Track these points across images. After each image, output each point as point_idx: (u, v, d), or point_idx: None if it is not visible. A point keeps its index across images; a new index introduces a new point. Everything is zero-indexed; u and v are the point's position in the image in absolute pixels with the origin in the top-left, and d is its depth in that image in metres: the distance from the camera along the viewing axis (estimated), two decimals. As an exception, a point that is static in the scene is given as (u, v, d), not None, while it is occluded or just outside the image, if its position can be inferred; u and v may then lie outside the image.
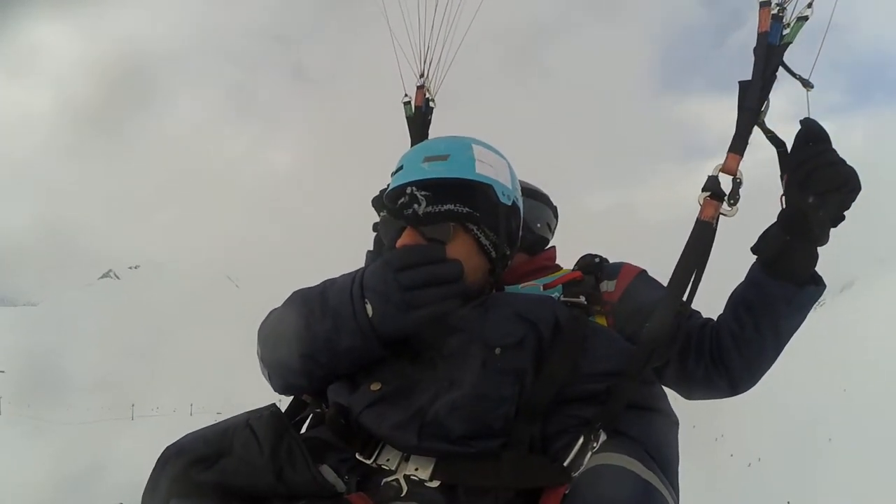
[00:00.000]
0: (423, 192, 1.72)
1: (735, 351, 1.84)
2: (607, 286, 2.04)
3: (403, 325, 1.58)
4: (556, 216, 2.55)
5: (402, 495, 1.46)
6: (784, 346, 1.88)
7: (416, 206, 1.71)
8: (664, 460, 1.53)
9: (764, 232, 1.82)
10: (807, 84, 1.78)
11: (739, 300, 1.87)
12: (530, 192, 2.42)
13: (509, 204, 1.82)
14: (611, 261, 2.15)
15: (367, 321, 1.57)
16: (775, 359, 1.89)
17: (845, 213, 1.74)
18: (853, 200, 1.72)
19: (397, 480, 1.48)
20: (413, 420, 1.50)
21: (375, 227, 2.45)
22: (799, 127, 1.77)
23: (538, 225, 2.44)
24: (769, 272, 1.79)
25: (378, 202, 2.40)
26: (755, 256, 1.86)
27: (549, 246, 2.47)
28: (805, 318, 1.86)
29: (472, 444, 1.49)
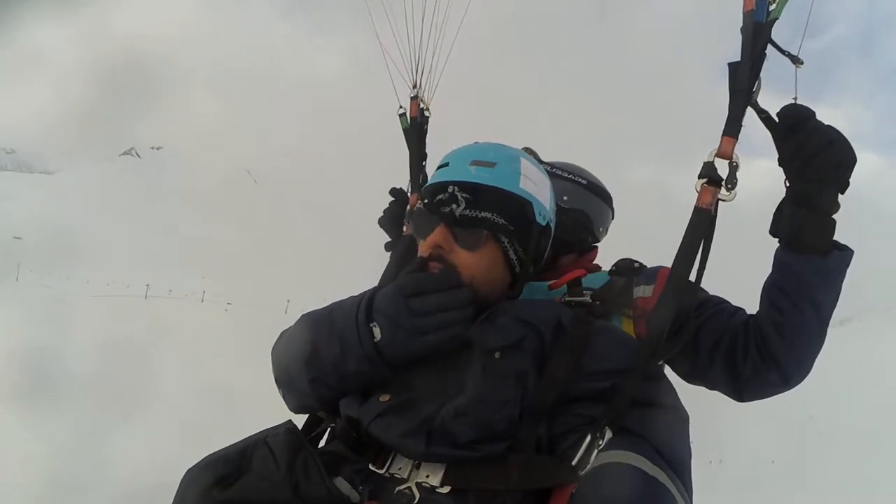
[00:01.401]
0: (464, 194, 1.74)
1: (779, 338, 1.81)
2: (643, 291, 2.03)
3: (411, 349, 1.61)
4: (613, 215, 2.53)
5: (415, 502, 1.51)
6: (827, 321, 1.83)
7: (454, 205, 1.73)
8: (673, 456, 1.52)
9: (776, 212, 1.82)
10: (796, 60, 1.77)
11: (772, 287, 1.84)
12: (600, 192, 2.43)
13: (543, 224, 1.83)
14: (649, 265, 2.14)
15: (372, 346, 1.61)
16: (820, 338, 1.84)
17: (849, 180, 1.74)
18: (853, 170, 1.73)
19: (409, 488, 1.52)
20: (421, 428, 1.54)
21: (388, 246, 2.46)
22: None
23: (601, 229, 2.43)
24: (793, 249, 1.78)
25: (385, 222, 2.50)
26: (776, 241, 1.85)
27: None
28: (839, 289, 1.83)
29: (478, 448, 1.52)
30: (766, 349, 1.82)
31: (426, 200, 1.80)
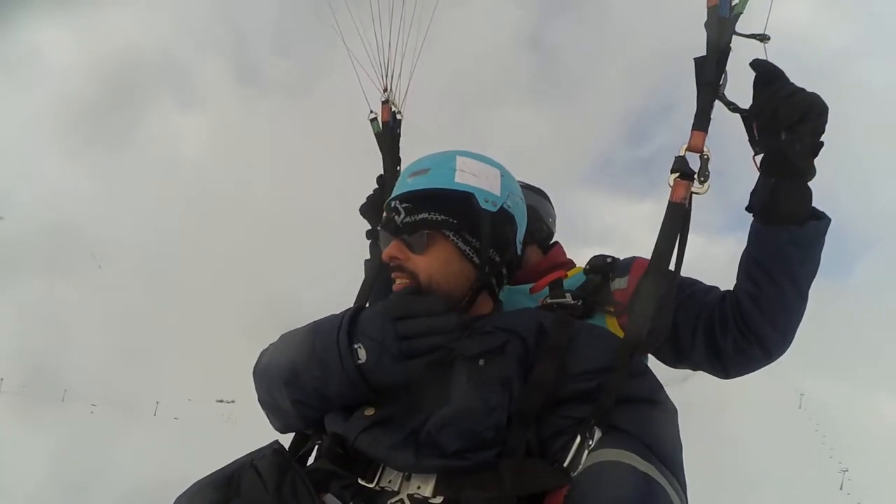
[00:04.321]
0: (403, 205, 1.79)
1: (758, 312, 1.81)
2: (620, 284, 2.02)
3: (396, 374, 1.60)
4: (554, 212, 2.60)
5: None
6: (806, 294, 1.83)
7: (396, 217, 1.78)
8: (664, 451, 1.53)
9: (752, 190, 1.82)
10: (763, 38, 1.77)
11: (748, 260, 1.85)
12: (535, 189, 2.50)
13: (494, 210, 1.81)
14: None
15: (354, 369, 1.59)
16: (801, 311, 1.85)
17: (822, 139, 1.73)
18: (825, 124, 1.72)
19: (401, 501, 1.50)
20: (408, 440, 1.53)
21: (369, 234, 2.46)
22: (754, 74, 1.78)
23: (549, 220, 2.49)
24: (767, 221, 1.78)
25: (367, 210, 2.47)
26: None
27: (552, 241, 2.50)
28: (818, 259, 1.81)
29: (468, 456, 1.50)
30: (746, 325, 1.83)
31: (381, 222, 1.87)
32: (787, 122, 1.69)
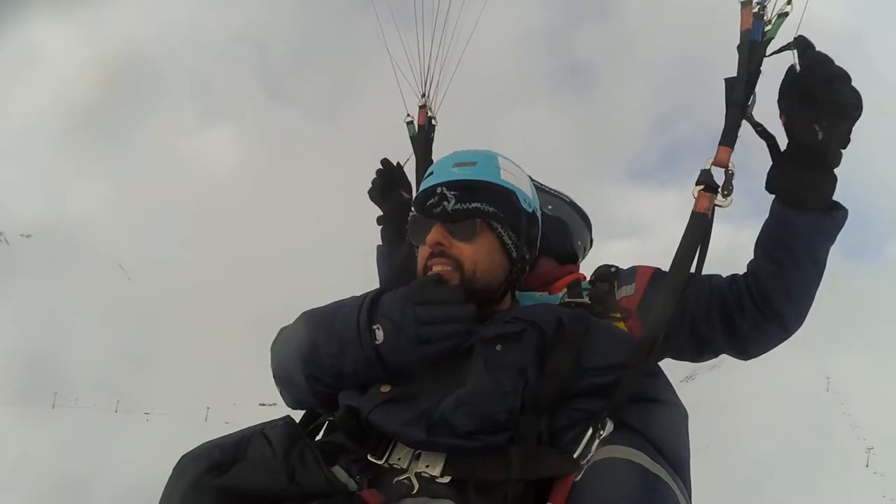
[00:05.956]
0: (452, 192, 1.83)
1: (780, 291, 1.85)
2: (626, 291, 2.06)
3: (412, 356, 1.66)
4: (591, 244, 2.62)
5: (414, 492, 1.51)
6: (822, 272, 1.88)
7: (445, 203, 1.83)
8: (673, 453, 1.55)
9: (773, 169, 1.83)
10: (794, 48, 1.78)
11: (772, 241, 1.86)
12: (581, 212, 2.54)
13: (530, 211, 1.91)
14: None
15: (372, 349, 1.65)
16: (817, 288, 1.90)
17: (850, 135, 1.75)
18: (857, 120, 1.72)
19: (409, 478, 1.53)
20: (421, 418, 1.56)
21: (380, 220, 2.55)
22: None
23: (578, 242, 2.50)
24: (795, 207, 1.79)
25: (375, 194, 2.54)
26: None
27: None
28: (834, 242, 1.86)
29: (479, 438, 1.53)
30: (766, 303, 1.86)
31: (418, 207, 1.89)
32: (828, 122, 1.68)
